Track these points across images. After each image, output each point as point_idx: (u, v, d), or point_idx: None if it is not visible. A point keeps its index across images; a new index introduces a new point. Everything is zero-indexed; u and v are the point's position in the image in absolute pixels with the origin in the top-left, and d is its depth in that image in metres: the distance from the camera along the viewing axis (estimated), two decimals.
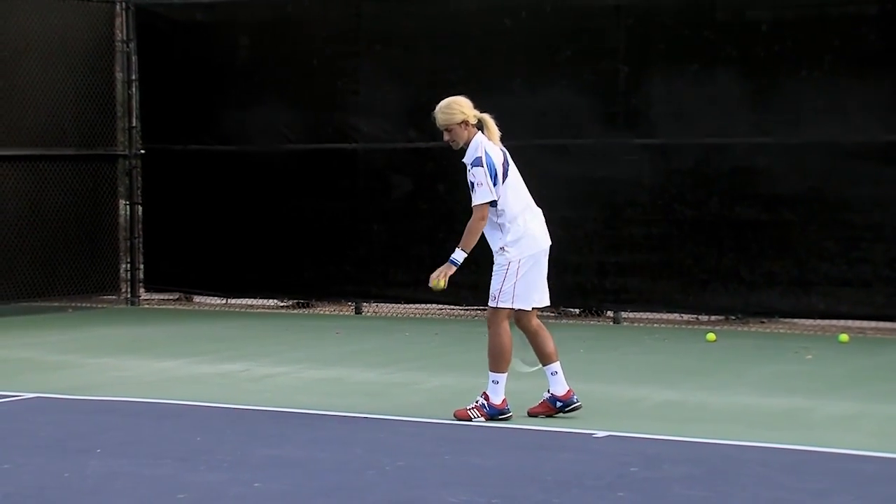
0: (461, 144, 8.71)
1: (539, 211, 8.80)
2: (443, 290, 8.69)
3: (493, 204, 8.59)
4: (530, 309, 8.73)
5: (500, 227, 8.66)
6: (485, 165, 8.56)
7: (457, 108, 8.65)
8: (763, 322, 13.72)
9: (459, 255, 8.60)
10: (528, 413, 8.83)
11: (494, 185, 8.56)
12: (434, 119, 8.75)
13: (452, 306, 14.93)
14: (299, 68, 15.24)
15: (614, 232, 13.89)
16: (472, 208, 8.60)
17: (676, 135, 13.60)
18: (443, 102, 8.73)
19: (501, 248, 8.65)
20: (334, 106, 15.09)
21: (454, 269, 8.59)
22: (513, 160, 8.77)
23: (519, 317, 8.76)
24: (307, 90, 15.22)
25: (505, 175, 8.64)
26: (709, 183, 13.53)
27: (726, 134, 13.39)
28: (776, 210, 13.29)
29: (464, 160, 8.72)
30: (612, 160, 13.81)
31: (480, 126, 8.71)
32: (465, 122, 8.65)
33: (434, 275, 8.62)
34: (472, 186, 8.59)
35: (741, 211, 13.39)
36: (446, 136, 8.72)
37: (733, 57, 13.38)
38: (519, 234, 8.65)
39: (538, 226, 8.75)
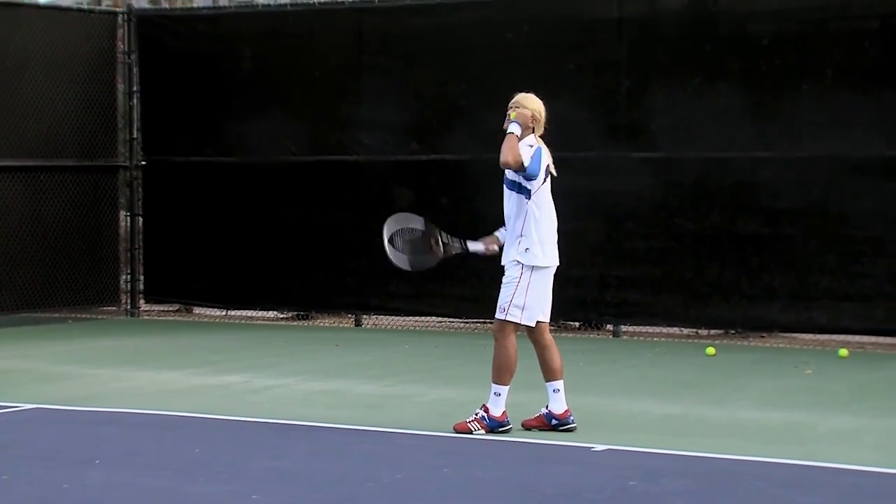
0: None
1: (555, 232, 8.83)
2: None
3: (528, 196, 8.65)
4: (534, 325, 8.76)
5: (525, 225, 8.68)
6: (534, 149, 8.65)
7: (534, 106, 8.75)
8: (763, 336, 13.71)
9: (512, 127, 8.66)
10: (523, 425, 8.85)
11: (538, 167, 8.62)
12: (511, 98, 8.82)
13: (453, 319, 14.93)
14: (301, 80, 15.26)
15: (615, 245, 13.89)
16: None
17: (678, 148, 13.60)
18: (531, 96, 8.82)
19: (516, 260, 8.66)
20: (336, 118, 15.10)
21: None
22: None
23: (531, 330, 8.80)
24: (309, 102, 15.23)
25: (544, 178, 8.72)
26: (710, 197, 13.53)
27: (727, 148, 13.39)
28: (777, 224, 13.28)
29: None
30: (614, 173, 13.82)
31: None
32: (533, 121, 8.73)
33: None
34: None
35: (742, 225, 13.39)
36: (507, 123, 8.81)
37: (735, 71, 13.40)
38: (537, 241, 8.68)
39: (552, 244, 8.80)
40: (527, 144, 8.71)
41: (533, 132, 8.77)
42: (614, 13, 13.85)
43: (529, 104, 8.78)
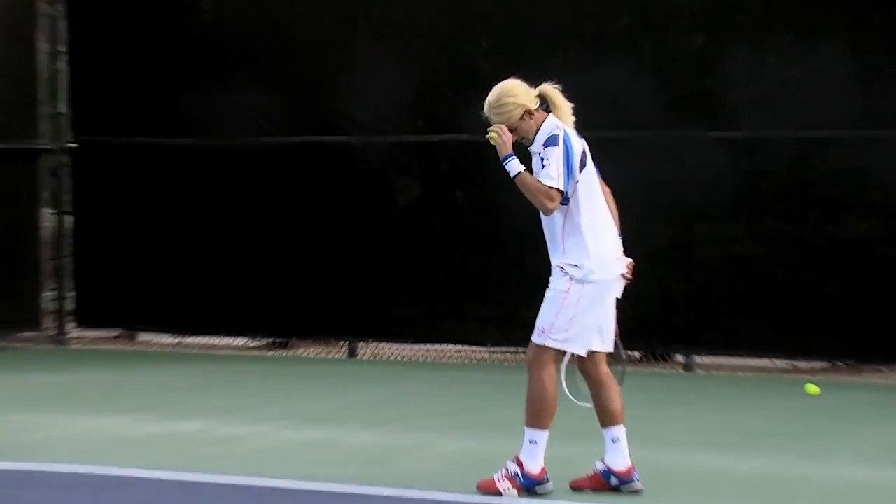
0: (532, 137, 8.68)
1: (613, 224, 8.77)
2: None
3: (563, 201, 8.56)
4: (584, 354, 8.68)
5: (565, 237, 8.62)
6: (561, 144, 8.56)
7: (510, 100, 8.64)
8: (881, 370, 13.70)
9: (513, 166, 8.54)
10: (571, 486, 8.82)
11: (569, 176, 8.55)
12: (487, 119, 8.71)
13: (475, 347, 14.89)
14: (278, 40, 15.28)
15: (683, 252, 13.87)
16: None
17: (764, 126, 13.60)
18: (491, 98, 8.71)
19: (562, 268, 8.59)
20: (322, 88, 15.13)
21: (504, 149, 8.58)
22: None
23: (581, 361, 8.74)
24: (288, 68, 15.27)
25: (581, 167, 8.62)
26: (807, 188, 13.53)
27: (830, 125, 13.40)
28: (894, 223, 13.24)
29: (531, 148, 8.68)
30: (681, 158, 13.78)
31: (546, 106, 8.69)
32: (527, 112, 8.63)
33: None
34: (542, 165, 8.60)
35: (849, 224, 13.38)
36: (514, 137, 8.71)
37: (840, 25, 13.37)
38: (587, 254, 8.59)
39: (611, 245, 8.73)
40: (550, 133, 8.59)
41: (545, 110, 8.68)
42: None
43: (510, 108, 8.60)
